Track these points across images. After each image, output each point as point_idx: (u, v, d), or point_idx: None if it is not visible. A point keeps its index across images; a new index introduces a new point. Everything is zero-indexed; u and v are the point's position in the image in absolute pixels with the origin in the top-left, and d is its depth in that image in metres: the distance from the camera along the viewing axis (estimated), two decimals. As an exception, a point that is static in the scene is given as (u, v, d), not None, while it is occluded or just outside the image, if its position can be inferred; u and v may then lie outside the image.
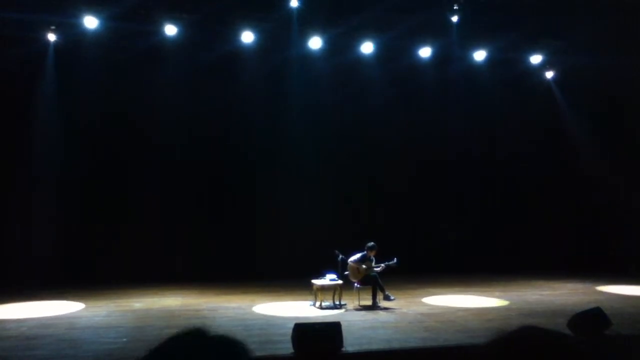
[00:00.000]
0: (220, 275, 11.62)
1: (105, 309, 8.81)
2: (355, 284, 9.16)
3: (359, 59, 12.91)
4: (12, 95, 11.43)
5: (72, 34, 11.30)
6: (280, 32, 12.05)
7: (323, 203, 12.69)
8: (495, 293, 10.49)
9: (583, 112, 13.67)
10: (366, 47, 12.74)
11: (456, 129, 13.81)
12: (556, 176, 14.37)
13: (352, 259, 9.16)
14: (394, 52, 12.99)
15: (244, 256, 12.17)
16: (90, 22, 11.02)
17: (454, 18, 12.01)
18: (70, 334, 7.10)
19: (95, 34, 11.23)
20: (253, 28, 11.92)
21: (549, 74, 14.27)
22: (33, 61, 11.41)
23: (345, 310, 8.81)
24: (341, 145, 13.13)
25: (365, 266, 9.09)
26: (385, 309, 8.87)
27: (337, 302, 9.02)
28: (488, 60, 13.48)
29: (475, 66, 13.56)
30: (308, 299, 9.35)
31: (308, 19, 11.87)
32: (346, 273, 9.19)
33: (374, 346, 6.48)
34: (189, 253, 12.10)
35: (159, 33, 11.52)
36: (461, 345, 6.40)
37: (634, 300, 9.74)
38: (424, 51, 13.10)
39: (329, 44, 12.49)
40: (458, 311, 8.70)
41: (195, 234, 12.21)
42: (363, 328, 7.46)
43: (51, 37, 11.30)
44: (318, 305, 8.91)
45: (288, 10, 11.67)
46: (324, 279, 9.07)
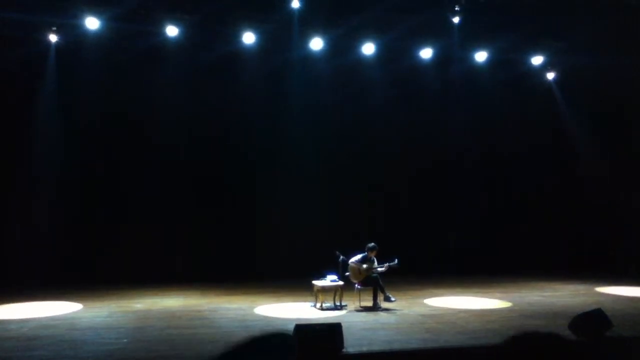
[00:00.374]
0: (221, 276, 11.62)
1: (106, 310, 8.80)
2: (356, 285, 9.14)
3: (360, 60, 12.89)
4: (13, 96, 11.43)
5: (73, 35, 11.29)
6: (281, 33, 12.03)
7: (323, 203, 12.67)
8: (496, 294, 10.47)
9: (583, 112, 13.67)
10: (367, 48, 12.72)
11: (456, 130, 13.81)
12: (556, 176, 14.37)
13: (353, 259, 9.14)
14: (395, 53, 12.98)
15: (245, 256, 12.17)
16: (92, 23, 11.01)
17: (455, 19, 12.00)
18: (70, 335, 7.09)
19: (96, 34, 11.22)
20: (254, 29, 11.91)
21: (549, 74, 14.26)
22: (34, 62, 11.41)
23: (346, 311, 8.80)
24: (341, 145, 13.13)
25: (366, 267, 9.08)
26: (386, 310, 8.86)
27: (338, 303, 9.01)
28: (489, 61, 13.46)
29: (476, 67, 13.54)
30: (309, 300, 9.35)
31: (309, 20, 11.86)
32: (347, 274, 9.18)
33: (375, 347, 6.46)
34: (189, 253, 12.09)
35: (159, 34, 11.51)
36: (462, 347, 6.39)
37: (635, 301, 9.74)
38: (425, 52, 13.09)
39: (329, 44, 12.48)
40: (459, 312, 8.68)
41: (195, 234, 12.21)
42: (364, 329, 7.45)
43: (52, 38, 11.29)
44: (319, 306, 8.90)
45: (289, 11, 11.66)
46: (325, 280, 9.06)
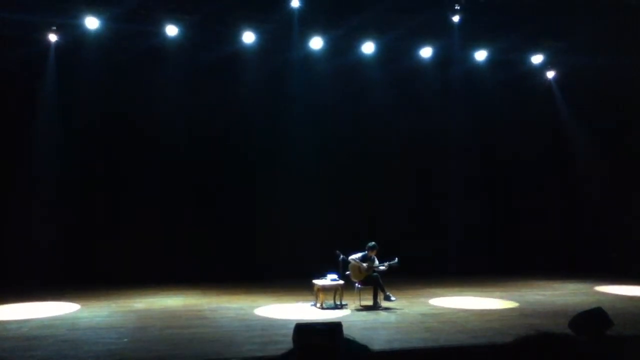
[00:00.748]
0: (221, 276, 11.62)
1: (106, 310, 8.80)
2: (357, 284, 9.15)
3: (360, 60, 12.89)
4: (13, 95, 11.43)
5: (73, 35, 11.29)
6: (281, 33, 12.02)
7: (323, 203, 12.67)
8: (496, 293, 10.48)
9: (583, 112, 13.65)
10: (367, 48, 12.73)
11: (456, 129, 13.80)
12: (556, 176, 14.35)
13: (353, 258, 9.15)
14: (395, 53, 12.97)
15: (245, 256, 12.15)
16: (92, 23, 11.02)
17: (455, 18, 12.00)
18: (71, 335, 7.09)
19: (96, 34, 11.21)
20: (254, 28, 11.91)
21: (549, 74, 14.26)
22: (34, 62, 11.39)
23: (346, 310, 8.79)
24: (341, 145, 13.11)
25: (366, 266, 9.08)
26: (386, 309, 8.86)
27: (338, 303, 9.01)
28: (489, 61, 13.45)
29: (476, 67, 13.53)
30: (309, 300, 9.35)
31: (309, 20, 11.86)
32: (347, 273, 9.18)
33: (375, 346, 6.43)
34: (189, 253, 12.07)
35: (159, 34, 11.51)
36: (462, 346, 6.39)
37: (636, 300, 9.74)
38: (425, 51, 13.09)
39: (329, 44, 12.48)
40: (459, 312, 8.69)
41: (195, 234, 12.19)
42: (364, 328, 7.46)
43: (52, 38, 11.29)
44: (319, 305, 8.90)
45: (289, 11, 11.66)
46: (325, 279, 9.06)
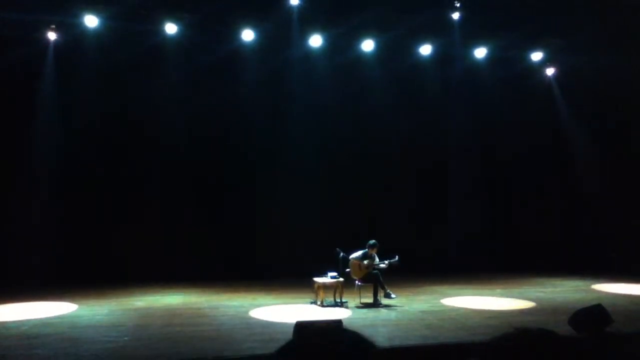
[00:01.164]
0: (221, 275, 11.63)
1: (107, 308, 8.81)
2: (357, 282, 9.16)
3: (360, 58, 12.89)
4: (12, 95, 11.41)
5: (72, 34, 11.29)
6: (281, 31, 12.02)
7: (323, 203, 12.66)
8: (497, 291, 10.50)
9: (583, 112, 13.65)
10: (367, 46, 12.72)
11: (457, 128, 13.80)
12: (556, 175, 14.35)
13: (353, 256, 9.16)
14: (395, 51, 12.97)
15: (245, 256, 12.15)
16: (91, 21, 11.01)
17: (455, 16, 12.00)
18: (71, 333, 7.10)
19: (96, 33, 11.22)
20: (253, 27, 11.91)
21: (549, 71, 14.26)
22: (33, 61, 11.38)
23: (346, 308, 8.81)
24: (341, 145, 13.11)
25: (366, 263, 9.09)
26: (386, 306, 8.88)
27: (339, 300, 9.02)
28: (488, 59, 13.46)
29: (475, 65, 13.53)
30: (309, 297, 9.36)
31: (309, 18, 11.85)
32: (347, 270, 9.19)
33: (375, 344, 6.46)
34: (189, 253, 12.06)
35: (159, 33, 11.52)
36: (462, 343, 6.40)
37: (635, 298, 9.75)
38: (425, 49, 13.09)
39: (329, 43, 12.47)
40: (459, 309, 8.70)
41: (195, 233, 12.19)
42: (364, 326, 7.46)
43: (51, 36, 11.29)
44: (319, 303, 8.92)
45: (288, 9, 11.66)
46: (325, 276, 9.08)
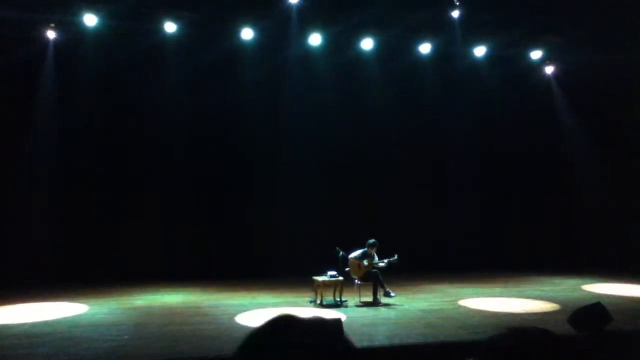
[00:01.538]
0: (221, 274, 11.64)
1: (107, 307, 8.81)
2: (356, 281, 9.17)
3: (360, 57, 12.89)
4: (11, 94, 11.41)
5: (72, 32, 11.29)
6: (280, 30, 12.02)
7: (323, 203, 12.67)
8: (496, 290, 10.51)
9: (583, 110, 13.65)
10: (366, 45, 12.72)
11: (456, 127, 13.79)
12: (556, 175, 14.36)
13: (353, 255, 9.17)
14: (394, 50, 12.97)
15: (244, 256, 12.15)
16: (90, 20, 11.01)
17: (455, 14, 12.00)
18: (71, 332, 7.11)
19: (95, 32, 11.22)
20: (253, 26, 11.91)
21: (548, 69, 14.26)
22: (32, 60, 11.38)
23: (346, 306, 8.82)
24: (341, 145, 13.10)
25: (366, 262, 9.10)
26: (386, 305, 8.89)
27: (338, 299, 9.03)
28: (488, 58, 13.47)
29: (475, 63, 13.54)
30: (309, 296, 9.37)
31: (308, 16, 11.84)
32: (347, 269, 9.20)
33: (375, 342, 6.48)
34: (189, 253, 12.06)
35: (158, 31, 11.51)
36: (462, 342, 6.40)
37: (635, 296, 9.76)
38: (424, 48, 13.09)
39: (329, 41, 12.47)
40: (459, 307, 8.72)
41: (195, 233, 12.19)
42: (364, 324, 7.48)
43: (50, 35, 11.29)
44: (319, 301, 8.92)
45: (288, 7, 11.65)
46: (325, 275, 9.08)
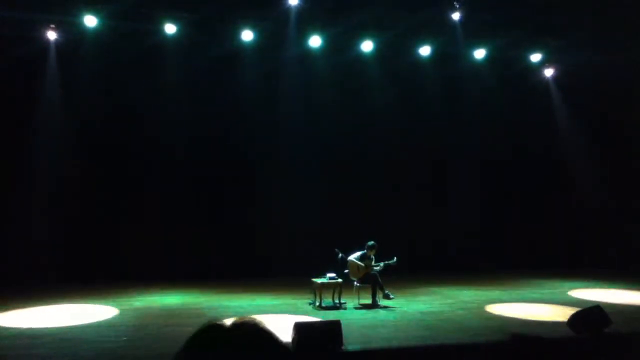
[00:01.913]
0: (220, 275, 11.65)
1: (106, 308, 8.82)
2: (355, 283, 9.17)
3: (359, 58, 12.91)
4: (12, 94, 11.42)
5: (72, 33, 11.31)
6: (280, 31, 12.05)
7: (323, 203, 12.69)
8: (495, 292, 10.51)
9: (583, 111, 13.67)
10: (366, 46, 12.74)
11: (456, 127, 13.81)
12: (556, 175, 14.38)
13: (352, 257, 9.17)
14: (394, 51, 13.00)
15: (244, 256, 12.17)
16: (90, 21, 11.02)
17: (455, 16, 12.01)
18: (70, 333, 7.10)
19: (95, 32, 11.24)
20: (253, 27, 11.93)
21: (548, 72, 14.28)
22: (32, 60, 11.40)
23: (345, 309, 8.82)
24: (341, 145, 13.12)
25: (365, 264, 9.10)
26: (385, 307, 8.88)
27: (337, 301, 9.03)
28: (488, 59, 13.49)
29: (475, 64, 13.57)
30: (308, 298, 9.37)
31: (308, 18, 11.86)
32: (346, 271, 9.20)
33: (374, 345, 6.48)
34: (189, 253, 12.09)
35: (158, 32, 11.53)
36: (461, 344, 6.41)
37: (633, 299, 9.76)
38: (424, 49, 13.11)
39: (329, 42, 12.49)
40: (457, 310, 8.72)
41: (195, 233, 12.20)
42: (363, 327, 7.48)
43: (51, 36, 11.30)
44: (318, 303, 8.92)
45: (288, 9, 11.67)
46: (324, 277, 9.08)
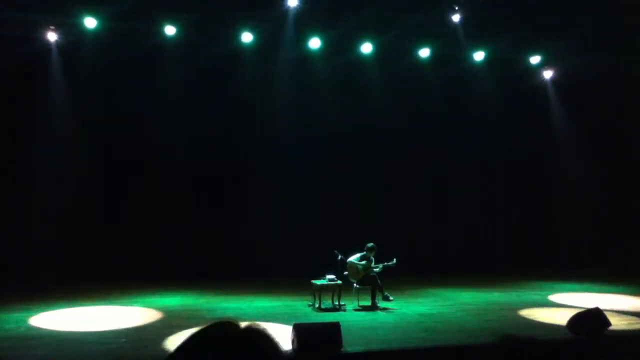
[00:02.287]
0: (220, 276, 11.63)
1: (105, 309, 8.81)
2: (355, 284, 9.16)
3: (359, 59, 12.92)
4: (13, 95, 11.42)
5: (72, 34, 11.31)
6: (280, 33, 12.06)
7: (323, 203, 12.68)
8: (495, 294, 10.51)
9: (581, 113, 13.68)
10: (365, 47, 12.75)
11: (456, 129, 13.81)
12: (555, 175, 14.38)
13: (351, 259, 9.17)
14: (394, 52, 13.01)
15: (244, 256, 12.16)
16: (90, 22, 11.02)
17: (455, 17, 12.02)
18: (69, 334, 7.10)
19: (95, 34, 11.24)
20: (252, 28, 11.93)
21: (546, 73, 14.29)
22: (33, 61, 11.40)
23: (344, 310, 8.81)
24: (341, 146, 13.12)
25: (364, 266, 9.09)
26: (384, 309, 8.88)
27: (337, 303, 9.02)
28: (487, 60, 13.50)
29: (474, 66, 13.57)
30: (308, 299, 9.36)
31: (307, 19, 11.87)
32: (345, 273, 9.20)
33: (373, 346, 6.48)
34: (188, 253, 12.08)
35: (158, 33, 11.53)
36: (460, 346, 6.41)
37: (632, 300, 9.76)
38: (423, 51, 13.13)
39: (329, 44, 12.50)
40: (457, 311, 8.72)
41: (195, 234, 12.19)
42: (362, 328, 7.47)
43: (51, 37, 11.30)
44: (317, 305, 8.92)
45: (287, 10, 11.68)
46: (324, 279, 9.07)
